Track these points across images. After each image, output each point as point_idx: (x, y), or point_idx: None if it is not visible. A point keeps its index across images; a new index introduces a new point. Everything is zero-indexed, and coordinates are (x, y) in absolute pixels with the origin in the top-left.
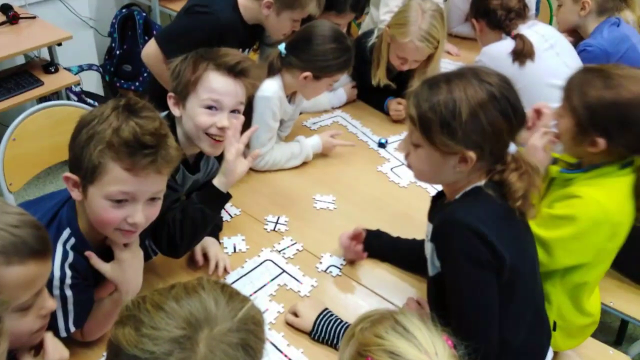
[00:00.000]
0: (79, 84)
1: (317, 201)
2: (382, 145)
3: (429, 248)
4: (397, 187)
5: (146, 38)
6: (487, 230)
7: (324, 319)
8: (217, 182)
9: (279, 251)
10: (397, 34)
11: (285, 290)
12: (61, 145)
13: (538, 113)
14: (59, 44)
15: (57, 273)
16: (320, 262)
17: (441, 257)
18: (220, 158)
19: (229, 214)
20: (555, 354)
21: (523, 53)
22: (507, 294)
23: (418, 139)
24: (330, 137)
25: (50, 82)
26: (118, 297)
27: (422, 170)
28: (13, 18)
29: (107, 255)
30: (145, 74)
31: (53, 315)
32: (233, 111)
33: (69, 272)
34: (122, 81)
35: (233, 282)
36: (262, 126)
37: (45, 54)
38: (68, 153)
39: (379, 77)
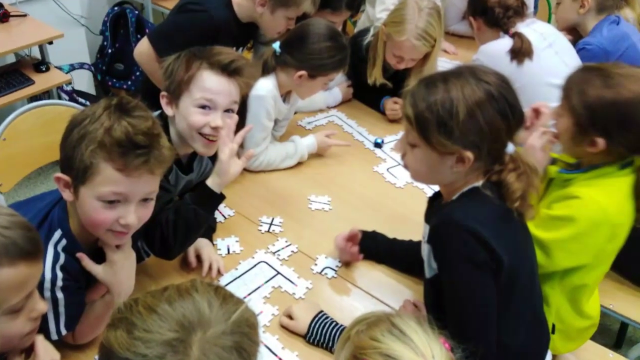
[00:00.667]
0: (70, 83)
1: (312, 202)
2: (378, 145)
3: (425, 249)
4: (393, 188)
5: (138, 36)
6: (484, 232)
7: (319, 322)
8: (210, 182)
9: (274, 253)
10: (394, 32)
11: (280, 292)
12: (52, 145)
13: (537, 112)
14: (50, 43)
15: (48, 275)
16: (316, 264)
17: (438, 258)
18: (213, 158)
19: (223, 215)
20: (554, 357)
21: (521, 52)
22: (505, 295)
23: (415, 138)
24: (325, 137)
25: (41, 81)
26: (110, 300)
27: (419, 170)
28: (4, 16)
29: (99, 256)
30: (137, 73)
31: (44, 317)
32: (227, 110)
33: (60, 274)
34: (114, 80)
35: (227, 284)
36: (257, 126)
37: (36, 53)
38: (59, 153)
39: (375, 76)
